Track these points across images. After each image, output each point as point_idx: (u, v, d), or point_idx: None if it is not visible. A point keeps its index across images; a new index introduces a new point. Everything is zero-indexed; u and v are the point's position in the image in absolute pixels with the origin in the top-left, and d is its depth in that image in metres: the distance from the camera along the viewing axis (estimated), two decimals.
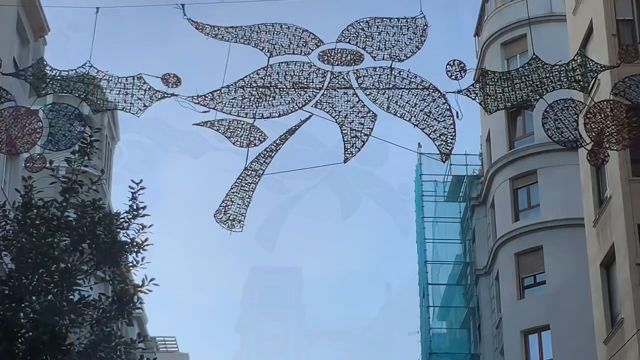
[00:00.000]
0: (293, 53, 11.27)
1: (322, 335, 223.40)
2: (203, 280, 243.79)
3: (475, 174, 45.49)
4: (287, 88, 11.14)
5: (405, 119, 11.22)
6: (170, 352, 63.08)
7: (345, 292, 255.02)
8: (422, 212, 46.40)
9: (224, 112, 11.01)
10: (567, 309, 36.57)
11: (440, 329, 48.44)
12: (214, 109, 10.93)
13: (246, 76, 11.15)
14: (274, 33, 11.33)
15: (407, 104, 11.24)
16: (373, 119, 11.25)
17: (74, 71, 10.51)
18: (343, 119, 11.25)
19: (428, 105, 11.23)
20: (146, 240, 16.97)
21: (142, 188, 17.45)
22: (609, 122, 11.19)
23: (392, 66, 11.21)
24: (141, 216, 17.14)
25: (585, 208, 31.61)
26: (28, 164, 10.54)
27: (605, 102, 11.27)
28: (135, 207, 17.18)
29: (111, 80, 10.68)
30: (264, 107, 11.12)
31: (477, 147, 45.99)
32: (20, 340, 14.81)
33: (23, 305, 15.18)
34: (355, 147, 11.27)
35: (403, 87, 11.24)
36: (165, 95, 10.71)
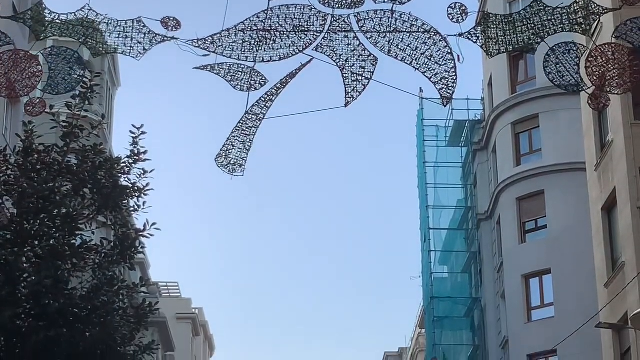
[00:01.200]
0: None
1: (325, 276, 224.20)
2: (205, 226, 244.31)
3: (477, 119, 45.42)
4: (287, 31, 11.06)
5: (406, 63, 11.16)
6: (173, 297, 63.50)
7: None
8: (423, 157, 46.39)
9: (224, 56, 10.95)
10: (568, 253, 36.72)
11: (442, 273, 48.68)
12: (214, 52, 10.87)
13: (246, 19, 11.07)
14: None
15: (408, 48, 11.17)
16: (374, 63, 11.19)
17: (73, 14, 10.44)
18: (344, 62, 11.19)
19: (429, 49, 11.16)
20: (147, 185, 16.99)
21: (143, 133, 17.42)
22: (610, 65, 11.12)
23: (393, 9, 11.12)
24: (142, 161, 17.13)
25: (586, 152, 31.61)
26: (28, 108, 10.52)
27: (606, 46, 11.19)
28: (136, 152, 17.16)
29: (110, 23, 10.61)
30: (265, 51, 11.06)
31: (479, 92, 45.88)
32: (22, 285, 14.89)
33: (25, 249, 15.24)
34: (356, 91, 11.23)
35: (404, 30, 11.16)
36: (165, 38, 10.65)
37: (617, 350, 28.50)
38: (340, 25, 11.18)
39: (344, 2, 11.13)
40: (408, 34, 11.14)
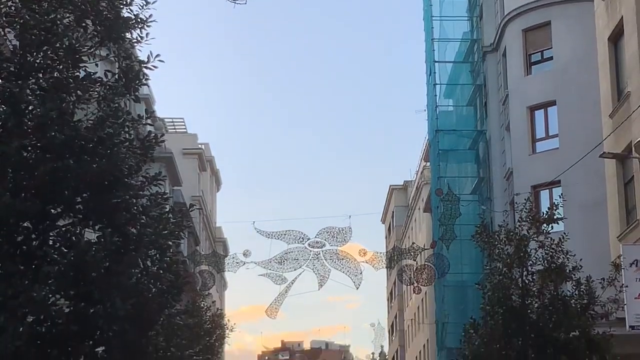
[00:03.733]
0: None
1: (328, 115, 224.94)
2: (212, 61, 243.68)
3: None
4: None
5: None
6: (179, 133, 63.72)
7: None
8: None
9: None
10: (573, 85, 36.63)
11: (447, 106, 48.71)
12: None
13: None
14: None
15: None
16: None
17: None
18: None
19: None
20: (150, 16, 16.79)
21: None
22: None
23: None
24: None
25: None
26: None
27: None
28: None
29: None
30: None
31: None
32: (28, 117, 14.91)
33: (29, 81, 15.19)
34: None
35: None
36: None
37: (621, 179, 28.77)
38: None
39: None
40: None
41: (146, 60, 16.40)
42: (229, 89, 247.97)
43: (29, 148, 15.00)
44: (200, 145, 65.67)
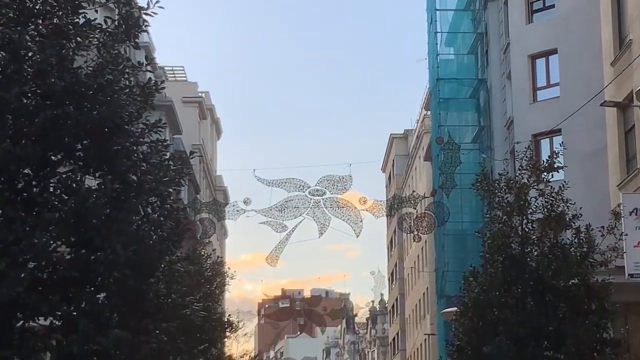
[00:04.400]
0: None
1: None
2: (212, 7, 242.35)
3: None
4: None
5: None
6: (179, 82, 63.52)
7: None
8: None
9: None
10: (575, 33, 36.46)
11: (448, 54, 48.55)
12: None
13: None
14: None
15: None
16: None
17: None
18: None
19: None
20: None
21: None
22: None
23: None
24: None
25: None
26: None
27: None
28: None
29: None
30: None
31: None
32: (27, 63, 14.85)
33: (28, 27, 15.11)
34: None
35: None
36: None
37: (621, 128, 28.76)
38: None
39: None
40: None
41: (146, 6, 16.30)
42: (229, 38, 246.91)
43: (29, 95, 14.96)
44: (200, 94, 65.47)
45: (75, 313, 14.71)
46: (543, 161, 23.74)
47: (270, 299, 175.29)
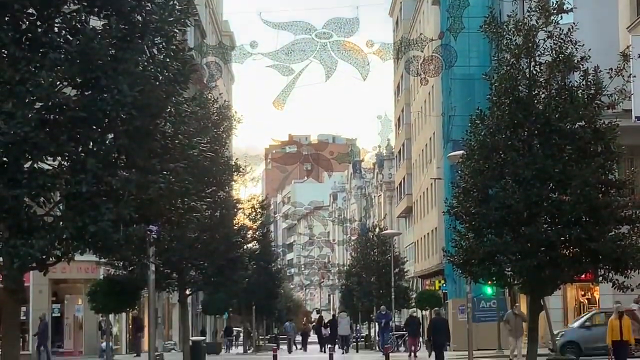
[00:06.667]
0: None
1: None
2: None
3: None
4: None
5: None
6: None
7: None
8: None
9: None
10: None
11: None
12: None
13: None
14: None
15: None
16: None
17: None
18: None
19: None
20: None
21: None
22: None
23: None
24: None
25: None
26: None
27: None
28: None
29: None
30: None
31: None
32: None
33: None
34: None
35: None
36: None
37: None
38: None
39: None
40: None
41: None
42: None
43: None
44: None
45: (83, 154, 14.77)
46: (552, 2, 23.40)
47: (277, 144, 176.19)
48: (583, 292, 48.89)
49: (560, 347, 35.19)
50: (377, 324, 53.05)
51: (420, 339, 45.26)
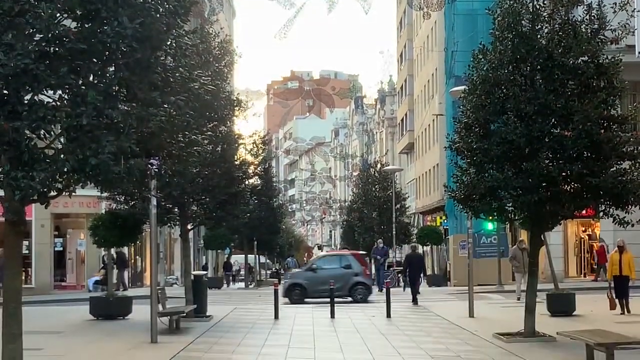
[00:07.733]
0: None
1: None
2: None
3: None
4: None
5: None
6: None
7: None
8: None
9: None
10: None
11: None
12: None
13: None
14: None
15: None
16: None
17: None
18: None
19: None
20: None
21: None
22: None
23: None
24: None
25: None
26: None
27: None
28: None
29: None
30: None
31: None
32: None
33: None
34: None
35: None
36: None
37: None
38: None
39: None
40: None
41: None
42: None
43: None
44: None
45: (83, 86, 14.72)
46: None
47: (279, 80, 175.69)
48: (584, 228, 49.13)
49: (285, 289, 39.45)
50: (373, 259, 50.60)
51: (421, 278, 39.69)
